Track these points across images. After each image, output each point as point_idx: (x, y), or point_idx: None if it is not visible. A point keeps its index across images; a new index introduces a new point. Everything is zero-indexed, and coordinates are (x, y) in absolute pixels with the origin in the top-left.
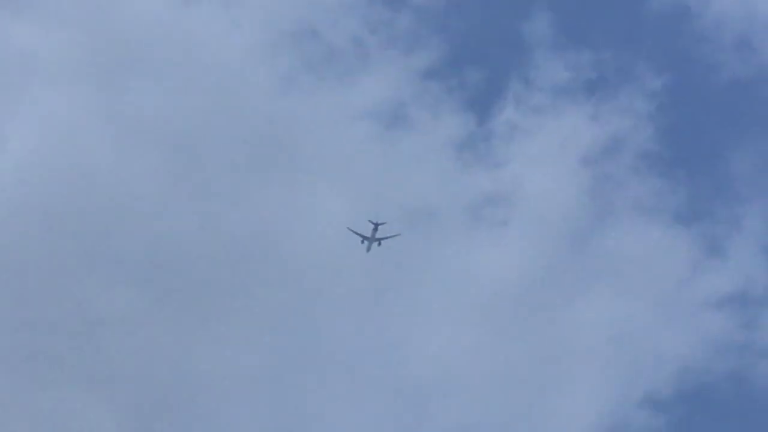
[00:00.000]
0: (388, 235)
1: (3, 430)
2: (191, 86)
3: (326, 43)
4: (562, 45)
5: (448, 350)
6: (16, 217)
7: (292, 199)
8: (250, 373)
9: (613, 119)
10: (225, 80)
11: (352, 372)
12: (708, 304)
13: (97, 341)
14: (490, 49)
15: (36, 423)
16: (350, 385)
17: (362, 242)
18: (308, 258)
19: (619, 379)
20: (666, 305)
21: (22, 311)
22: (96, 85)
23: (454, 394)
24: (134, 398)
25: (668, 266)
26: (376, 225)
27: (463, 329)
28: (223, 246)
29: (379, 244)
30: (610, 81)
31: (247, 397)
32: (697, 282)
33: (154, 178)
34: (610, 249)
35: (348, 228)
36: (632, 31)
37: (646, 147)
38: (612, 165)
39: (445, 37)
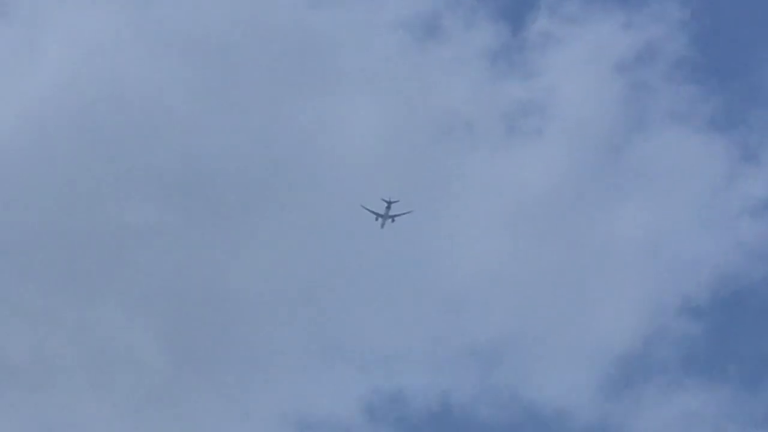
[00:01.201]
0: (401, 212)
1: (40, 346)
2: None
3: None
4: None
5: (484, 260)
6: (49, 133)
7: (325, 111)
8: (287, 286)
9: (646, 26)
10: None
11: (388, 282)
12: (744, 210)
13: (132, 257)
14: None
15: (73, 339)
16: (387, 296)
17: (376, 219)
18: (342, 170)
19: (655, 286)
20: (702, 212)
21: (55, 227)
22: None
23: (489, 304)
24: (171, 313)
25: (703, 173)
26: (389, 203)
27: (499, 239)
28: (257, 158)
29: (393, 220)
30: None
31: (284, 310)
32: (732, 188)
33: (186, 91)
34: (645, 156)
35: (362, 206)
36: None
37: (680, 54)
38: (646, 72)
39: None
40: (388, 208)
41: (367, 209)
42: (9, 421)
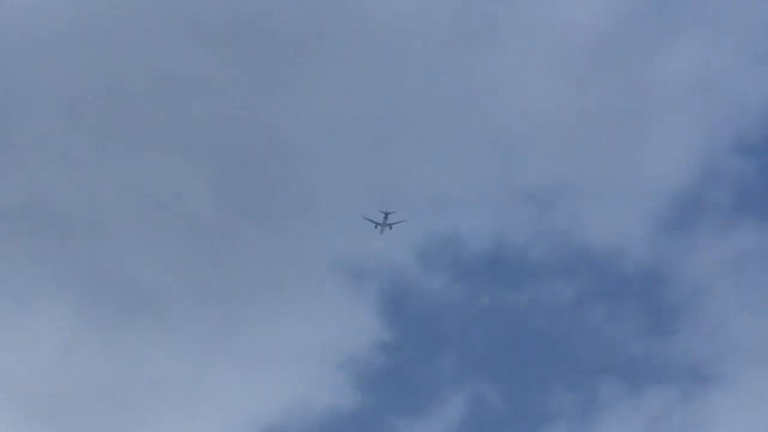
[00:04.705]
0: (398, 220)
1: (92, 197)
2: None
3: None
4: None
5: (536, 100)
6: None
7: None
8: (338, 133)
9: None
10: None
11: (441, 124)
12: None
13: (183, 107)
14: None
15: (125, 189)
16: (440, 138)
17: (375, 227)
18: (394, 13)
19: (708, 125)
20: (755, 50)
21: (108, 77)
22: None
23: (542, 146)
24: (222, 163)
25: (754, 10)
26: (386, 214)
27: (551, 79)
28: (307, 3)
29: (390, 228)
30: None
31: (335, 156)
32: None
33: None
34: None
35: (363, 216)
36: None
37: None
38: None
39: None
40: (386, 218)
41: (368, 219)
42: (63, 269)
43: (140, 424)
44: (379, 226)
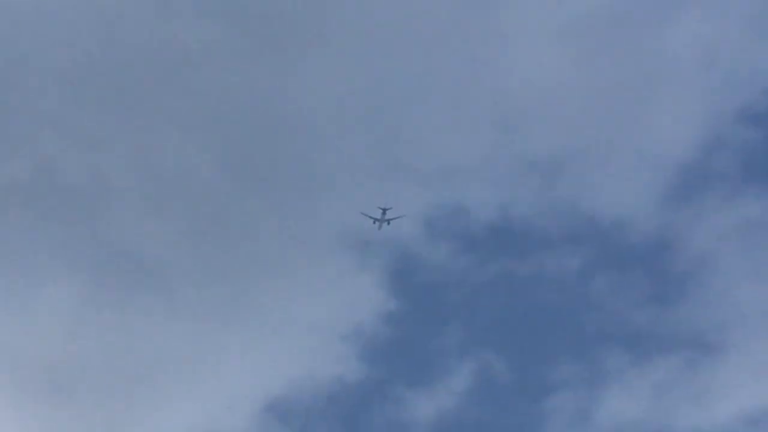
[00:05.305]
0: (396, 216)
1: (97, 169)
2: None
3: None
4: None
5: (542, 71)
6: None
7: None
8: (345, 104)
9: None
10: None
11: (446, 95)
12: None
13: (189, 78)
14: None
15: (129, 161)
16: (445, 109)
17: (374, 223)
18: None
19: (714, 95)
20: (759, 21)
21: (113, 50)
22: None
23: (548, 116)
24: (227, 134)
25: None
26: (384, 210)
27: (557, 50)
28: None
29: (389, 223)
30: None
31: (342, 128)
32: None
33: None
34: None
35: (361, 212)
36: None
37: None
38: None
39: None
40: (384, 213)
41: (366, 215)
42: (69, 244)
43: (146, 398)
44: (377, 222)
